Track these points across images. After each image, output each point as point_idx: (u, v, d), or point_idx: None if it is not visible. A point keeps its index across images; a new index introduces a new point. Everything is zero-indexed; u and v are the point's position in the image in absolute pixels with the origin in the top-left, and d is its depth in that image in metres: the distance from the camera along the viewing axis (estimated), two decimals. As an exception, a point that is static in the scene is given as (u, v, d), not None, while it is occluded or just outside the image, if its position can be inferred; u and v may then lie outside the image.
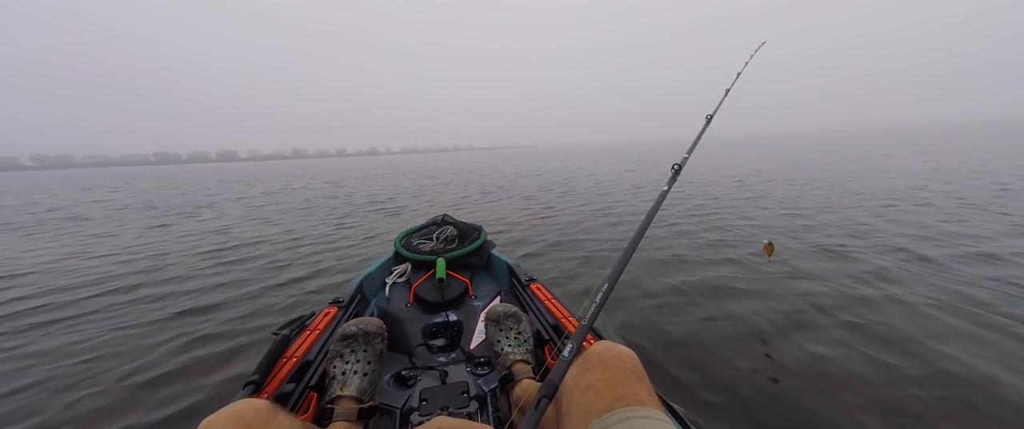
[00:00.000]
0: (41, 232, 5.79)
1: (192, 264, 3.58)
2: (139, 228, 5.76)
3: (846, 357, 1.61)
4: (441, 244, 1.94)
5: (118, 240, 4.89)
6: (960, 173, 6.81)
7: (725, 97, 1.49)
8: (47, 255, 4.21)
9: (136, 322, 2.32)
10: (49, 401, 1.60)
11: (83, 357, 1.92)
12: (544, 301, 1.37)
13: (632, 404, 0.58)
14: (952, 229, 3.37)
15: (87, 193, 13.88)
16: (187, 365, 1.82)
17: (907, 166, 8.48)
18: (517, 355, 1.06)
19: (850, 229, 3.57)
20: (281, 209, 7.22)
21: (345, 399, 0.92)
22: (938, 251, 2.81)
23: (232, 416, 0.59)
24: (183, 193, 12.00)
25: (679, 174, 0.93)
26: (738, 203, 5.22)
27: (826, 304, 2.08)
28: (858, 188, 5.87)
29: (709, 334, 1.87)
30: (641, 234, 0.66)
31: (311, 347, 1.13)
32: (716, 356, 1.69)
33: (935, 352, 1.62)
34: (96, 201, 10.50)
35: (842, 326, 1.86)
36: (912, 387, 1.43)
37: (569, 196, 6.89)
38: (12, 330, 2.28)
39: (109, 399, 1.60)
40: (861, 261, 2.70)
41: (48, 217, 7.53)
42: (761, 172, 8.96)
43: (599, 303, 0.50)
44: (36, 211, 8.63)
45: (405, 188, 10.37)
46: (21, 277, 3.39)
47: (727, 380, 1.53)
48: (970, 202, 4.40)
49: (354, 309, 1.49)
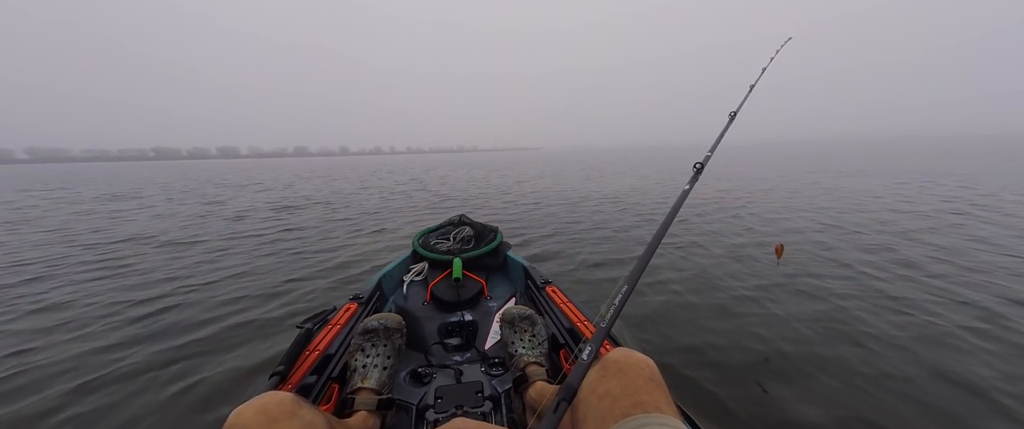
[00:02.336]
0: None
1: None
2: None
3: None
4: (458, 244, 1.96)
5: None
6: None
7: (749, 93, 1.43)
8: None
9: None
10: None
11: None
12: (560, 305, 1.37)
13: (650, 412, 0.59)
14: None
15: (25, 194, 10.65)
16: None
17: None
18: (531, 358, 1.07)
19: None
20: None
21: (365, 391, 0.95)
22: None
23: (258, 408, 0.62)
24: (144, 205, 7.64)
25: (701, 173, 0.89)
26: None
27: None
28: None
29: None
30: (661, 235, 0.64)
31: (333, 341, 1.16)
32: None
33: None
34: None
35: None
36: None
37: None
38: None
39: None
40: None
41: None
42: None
43: (618, 306, 0.50)
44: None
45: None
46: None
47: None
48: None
49: (373, 305, 1.52)
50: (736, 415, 1.39)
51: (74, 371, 1.76)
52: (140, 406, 1.53)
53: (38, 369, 1.78)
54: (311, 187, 11.24)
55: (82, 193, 10.91)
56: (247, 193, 9.85)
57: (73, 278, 3.11)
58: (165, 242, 4.36)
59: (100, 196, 9.92)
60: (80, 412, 1.49)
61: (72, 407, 1.52)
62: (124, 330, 2.16)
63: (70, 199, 9.33)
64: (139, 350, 1.94)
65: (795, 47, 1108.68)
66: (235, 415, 0.61)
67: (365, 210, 6.48)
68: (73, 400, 1.56)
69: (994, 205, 4.90)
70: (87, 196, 10.00)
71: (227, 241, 4.33)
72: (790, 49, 1.90)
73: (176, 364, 1.80)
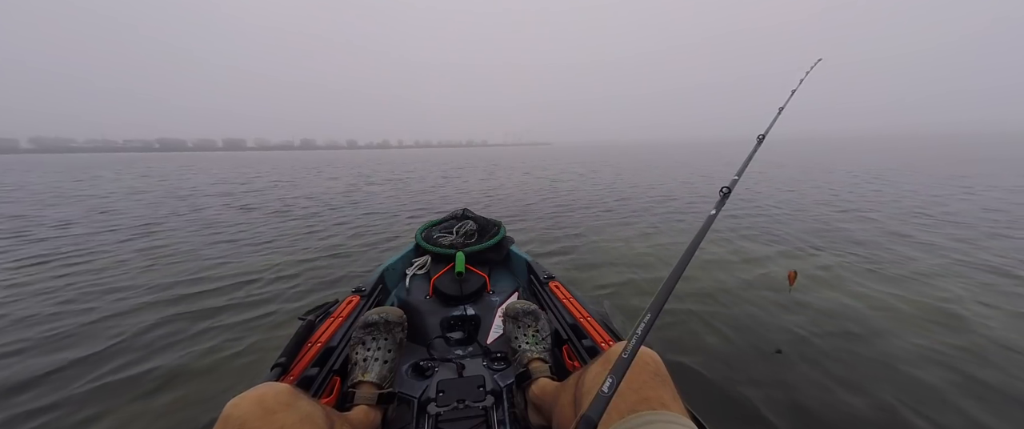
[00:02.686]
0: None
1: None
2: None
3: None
4: (461, 238, 1.95)
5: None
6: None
7: (778, 115, 1.40)
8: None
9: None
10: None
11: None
12: (563, 300, 1.36)
13: (655, 407, 0.57)
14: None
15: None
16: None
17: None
18: (535, 353, 1.06)
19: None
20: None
21: (366, 384, 0.94)
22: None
23: (255, 399, 0.60)
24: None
25: (727, 198, 0.84)
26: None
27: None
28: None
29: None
30: (687, 260, 0.61)
31: (335, 333, 1.16)
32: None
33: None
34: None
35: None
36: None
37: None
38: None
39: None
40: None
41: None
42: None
43: (641, 335, 0.48)
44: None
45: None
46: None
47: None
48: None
49: (375, 298, 1.52)
50: (748, 414, 1.38)
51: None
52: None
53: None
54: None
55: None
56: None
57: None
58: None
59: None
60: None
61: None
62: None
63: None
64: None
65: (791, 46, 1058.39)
66: (231, 406, 0.60)
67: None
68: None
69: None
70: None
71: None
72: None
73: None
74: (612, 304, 2.31)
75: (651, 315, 0.50)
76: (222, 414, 0.59)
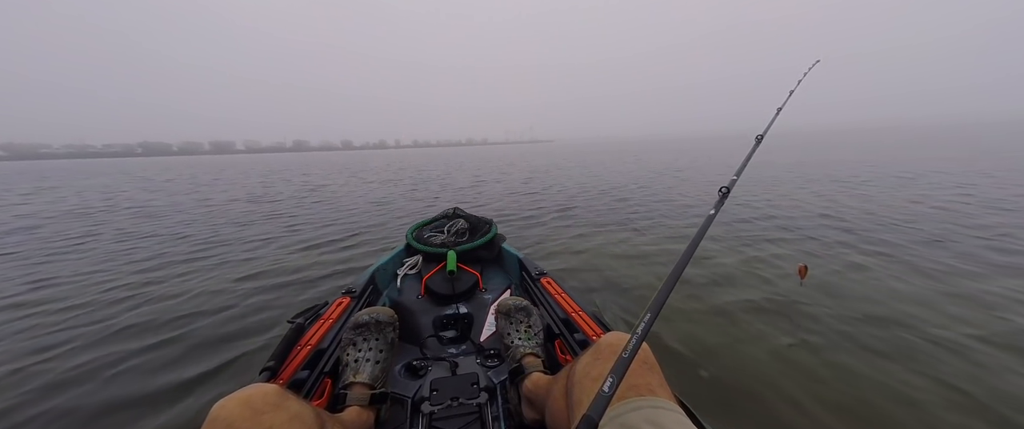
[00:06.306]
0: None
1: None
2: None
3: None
4: (452, 237, 1.94)
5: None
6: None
7: (776, 115, 1.41)
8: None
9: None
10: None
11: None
12: (554, 295, 1.37)
13: (644, 394, 0.58)
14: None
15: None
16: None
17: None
18: (528, 349, 1.07)
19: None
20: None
21: (358, 385, 0.93)
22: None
23: (242, 401, 0.59)
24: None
25: (727, 197, 0.84)
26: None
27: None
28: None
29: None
30: (686, 261, 0.62)
31: (325, 335, 1.15)
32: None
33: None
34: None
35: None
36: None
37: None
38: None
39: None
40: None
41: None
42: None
43: (641, 335, 0.48)
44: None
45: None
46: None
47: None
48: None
49: (366, 299, 1.51)
50: (732, 402, 1.39)
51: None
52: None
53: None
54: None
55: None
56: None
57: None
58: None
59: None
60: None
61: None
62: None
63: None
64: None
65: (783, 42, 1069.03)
66: (218, 407, 0.58)
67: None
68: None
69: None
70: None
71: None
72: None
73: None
74: (603, 302, 2.32)
75: (651, 314, 0.50)
76: (209, 416, 0.57)
